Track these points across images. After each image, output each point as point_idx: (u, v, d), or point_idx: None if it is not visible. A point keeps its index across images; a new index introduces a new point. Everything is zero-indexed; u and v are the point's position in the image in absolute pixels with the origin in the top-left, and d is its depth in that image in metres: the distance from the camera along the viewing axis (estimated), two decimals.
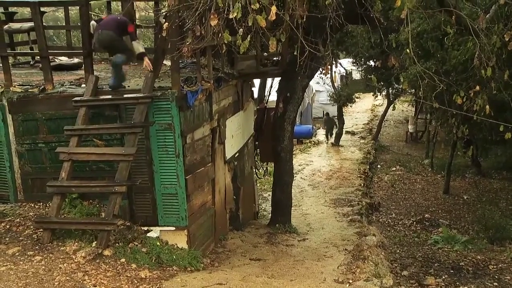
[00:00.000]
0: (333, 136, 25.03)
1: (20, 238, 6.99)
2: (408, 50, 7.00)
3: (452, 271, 10.92)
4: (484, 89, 8.75)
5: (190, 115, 7.96)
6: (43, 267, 6.19)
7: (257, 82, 14.37)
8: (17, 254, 6.51)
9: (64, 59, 10.55)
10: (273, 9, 5.44)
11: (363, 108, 34.04)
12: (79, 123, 7.44)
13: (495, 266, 11.04)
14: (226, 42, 6.16)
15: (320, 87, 29.33)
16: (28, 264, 6.25)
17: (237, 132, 10.72)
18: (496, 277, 10.41)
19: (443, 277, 10.56)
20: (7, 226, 7.32)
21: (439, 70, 11.49)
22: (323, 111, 30.96)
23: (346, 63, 30.52)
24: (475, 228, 15.25)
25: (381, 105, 32.09)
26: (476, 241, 13.55)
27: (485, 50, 7.61)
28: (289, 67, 10.86)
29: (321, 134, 26.85)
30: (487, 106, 8.30)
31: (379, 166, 23.23)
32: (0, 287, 5.61)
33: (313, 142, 25.60)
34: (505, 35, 7.48)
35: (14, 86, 8.15)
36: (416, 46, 11.13)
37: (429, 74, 7.85)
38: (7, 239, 6.96)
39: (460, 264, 11.34)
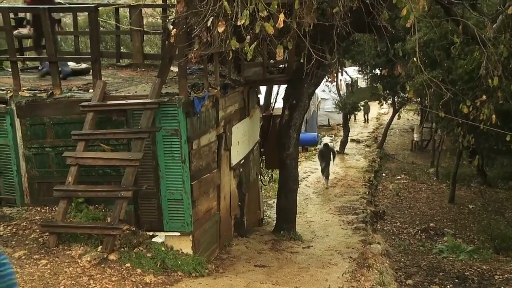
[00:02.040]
0: (329, 176, 19.33)
1: (26, 242, 7.02)
2: (415, 59, 7.02)
3: (457, 280, 10.85)
4: (490, 98, 8.77)
5: (197, 121, 7.99)
6: (49, 271, 6.21)
7: (263, 89, 14.42)
8: (23, 257, 6.54)
9: (71, 65, 10.62)
10: (281, 16, 5.47)
11: (369, 117, 34.00)
12: (86, 128, 7.48)
13: (500, 276, 10.96)
14: (233, 49, 6.19)
15: (325, 95, 29.37)
16: (34, 267, 6.28)
17: (243, 139, 10.75)
18: (502, 287, 10.35)
19: (448, 286, 10.50)
20: (14, 230, 7.35)
21: (446, 79, 11.50)
22: (328, 119, 30.97)
23: (352, 71, 30.58)
24: (480, 237, 15.19)
25: (387, 113, 32.08)
26: (482, 250, 13.49)
27: (492, 59, 7.63)
28: (296, 74, 10.90)
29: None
30: (494, 116, 8.30)
31: (384, 174, 23.20)
32: None
33: (318, 150, 25.57)
34: None
35: (23, 91, 8.21)
36: (423, 55, 11.15)
37: (436, 82, 7.86)
38: (13, 242, 6.99)
39: (465, 273, 11.28)
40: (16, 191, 8.27)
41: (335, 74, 9.21)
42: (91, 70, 8.79)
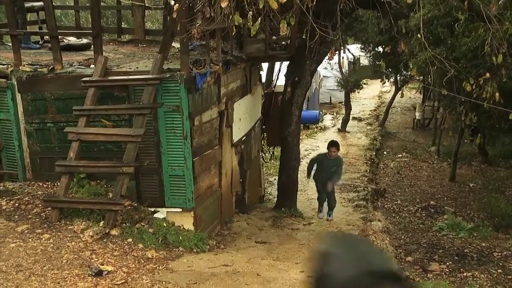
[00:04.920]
0: (331, 211, 11.30)
1: (29, 216, 7.07)
2: (419, 35, 6.94)
3: (456, 257, 10.93)
4: (494, 76, 8.69)
5: (199, 97, 7.96)
6: (52, 245, 6.27)
7: (265, 66, 14.33)
8: (26, 231, 6.60)
9: (72, 39, 10.54)
10: None
11: (371, 95, 33.82)
12: (87, 104, 7.45)
13: (499, 253, 11.04)
14: (236, 24, 6.13)
15: (327, 72, 29.17)
16: (36, 241, 6.34)
17: (244, 116, 10.72)
18: (501, 264, 10.42)
19: (448, 263, 10.58)
20: (16, 204, 7.39)
21: (449, 57, 11.39)
22: (330, 97, 30.80)
23: (354, 49, 30.35)
24: (480, 215, 15.23)
25: (389, 91, 31.91)
26: (481, 228, 13.53)
27: (497, 36, 7.54)
28: (298, 51, 10.81)
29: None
30: (497, 94, 8.24)
31: (385, 152, 23.17)
32: (10, 263, 5.70)
33: (319, 128, 25.54)
34: None
35: (23, 66, 8.17)
36: (426, 32, 11.02)
37: (440, 59, 7.79)
38: (16, 216, 7.04)
39: (465, 251, 11.35)
40: (18, 166, 8.29)
41: (336, 52, 9.10)
42: (92, 45, 8.72)
